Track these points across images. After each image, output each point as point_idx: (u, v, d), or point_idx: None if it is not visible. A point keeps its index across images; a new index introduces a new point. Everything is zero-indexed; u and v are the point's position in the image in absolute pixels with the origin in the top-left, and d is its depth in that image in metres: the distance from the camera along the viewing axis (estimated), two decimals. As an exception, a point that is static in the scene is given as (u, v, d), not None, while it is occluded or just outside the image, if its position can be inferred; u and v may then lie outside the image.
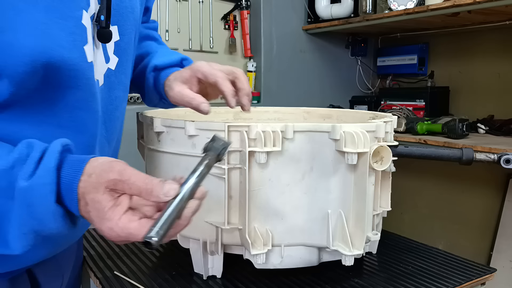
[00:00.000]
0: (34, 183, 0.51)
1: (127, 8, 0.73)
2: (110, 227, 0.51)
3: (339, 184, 0.78)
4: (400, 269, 0.90)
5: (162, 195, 0.51)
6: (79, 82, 0.62)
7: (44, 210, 0.52)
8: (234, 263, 0.87)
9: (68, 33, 0.58)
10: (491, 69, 2.13)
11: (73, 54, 0.59)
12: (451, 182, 2.31)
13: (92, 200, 0.52)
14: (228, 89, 0.76)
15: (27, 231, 0.53)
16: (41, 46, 0.55)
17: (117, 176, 0.52)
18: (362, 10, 2.15)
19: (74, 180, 0.52)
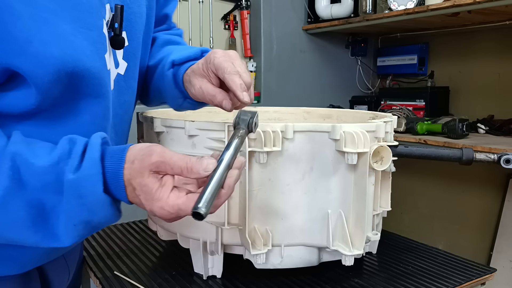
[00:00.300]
0: (82, 175, 0.53)
1: (135, 13, 0.73)
2: (160, 206, 0.54)
3: (339, 184, 0.78)
4: (400, 269, 0.90)
5: (202, 171, 0.54)
6: (101, 90, 0.63)
7: (94, 200, 0.54)
8: (234, 263, 0.87)
9: (91, 43, 0.60)
10: (491, 69, 2.13)
11: (96, 63, 0.61)
12: (451, 182, 2.31)
13: (139, 184, 0.54)
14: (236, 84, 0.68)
15: (77, 222, 0.55)
16: (67, 55, 0.56)
17: (159, 158, 0.54)
18: (362, 10, 2.15)
19: (119, 168, 0.55)
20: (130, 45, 0.73)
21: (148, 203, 0.55)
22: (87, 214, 0.55)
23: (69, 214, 0.55)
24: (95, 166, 0.54)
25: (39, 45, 0.53)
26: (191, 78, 0.75)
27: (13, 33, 0.52)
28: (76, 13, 0.57)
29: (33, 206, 0.54)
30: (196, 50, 0.80)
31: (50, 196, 0.54)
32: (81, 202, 0.54)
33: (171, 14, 0.95)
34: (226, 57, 0.71)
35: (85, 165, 0.54)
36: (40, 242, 0.57)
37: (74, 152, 0.55)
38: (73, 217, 0.55)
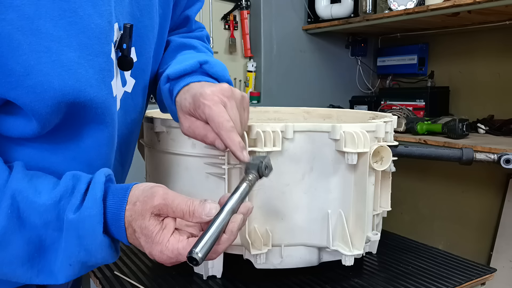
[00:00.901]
0: (82, 215, 0.52)
1: (146, 27, 0.69)
2: (160, 250, 0.53)
3: (339, 184, 0.78)
4: (400, 269, 0.90)
5: (204, 215, 0.52)
6: (105, 118, 0.60)
7: (93, 241, 0.53)
8: (234, 263, 0.87)
9: (97, 70, 0.57)
10: (491, 69, 2.13)
11: (101, 92, 0.58)
12: (451, 182, 2.31)
13: (140, 227, 0.53)
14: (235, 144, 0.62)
15: (73, 262, 0.54)
16: (68, 86, 0.53)
17: (161, 201, 0.53)
18: (362, 10, 2.15)
19: (121, 209, 0.54)
20: (139, 61, 0.68)
21: (148, 246, 0.53)
22: (84, 255, 0.54)
23: (66, 254, 0.54)
24: (96, 206, 0.53)
25: (37, 77, 0.51)
26: (179, 114, 0.68)
27: (9, 66, 0.49)
28: (83, 39, 0.54)
29: (32, 243, 0.53)
30: (193, 62, 0.70)
31: (50, 232, 0.54)
32: (80, 242, 0.53)
33: (193, 16, 0.88)
34: (217, 103, 0.63)
35: (86, 205, 0.53)
36: (33, 279, 0.55)
37: (77, 190, 0.54)
38: (70, 257, 0.54)
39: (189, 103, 0.65)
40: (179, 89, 0.68)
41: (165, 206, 0.53)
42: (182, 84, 0.69)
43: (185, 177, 0.82)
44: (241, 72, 2.38)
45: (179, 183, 0.83)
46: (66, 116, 0.56)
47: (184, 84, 0.69)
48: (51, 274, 0.55)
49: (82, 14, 0.53)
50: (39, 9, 0.50)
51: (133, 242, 0.55)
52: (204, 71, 0.71)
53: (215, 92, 0.63)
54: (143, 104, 0.75)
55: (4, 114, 0.55)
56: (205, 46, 0.87)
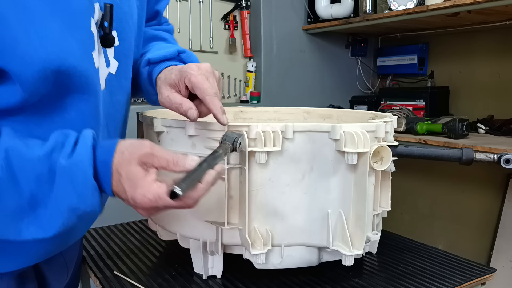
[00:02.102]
0: (75, 160, 0.57)
1: (126, 13, 0.74)
2: (142, 193, 0.57)
3: (339, 184, 0.78)
4: (400, 269, 0.90)
5: (187, 164, 0.59)
6: (89, 88, 0.65)
7: (84, 185, 0.57)
8: (234, 263, 0.87)
9: (79, 41, 0.62)
10: (491, 69, 2.13)
11: (83, 61, 0.63)
12: (451, 182, 2.31)
13: (126, 172, 0.58)
14: (216, 107, 0.71)
15: (64, 209, 0.57)
16: (53, 54, 0.58)
17: (148, 150, 0.59)
18: (362, 10, 2.15)
19: (109, 156, 0.59)
20: (121, 45, 0.74)
21: (132, 190, 0.58)
22: (75, 200, 0.57)
23: (58, 200, 0.57)
24: (88, 153, 0.58)
25: (25, 47, 0.55)
26: (161, 87, 0.76)
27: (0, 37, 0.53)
28: (65, 14, 0.59)
29: (24, 197, 0.56)
30: (173, 50, 0.81)
31: (42, 186, 0.57)
32: (72, 187, 0.57)
33: (162, 10, 0.96)
34: (203, 75, 0.72)
35: (78, 151, 0.58)
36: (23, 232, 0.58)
37: (68, 142, 0.58)
38: (61, 203, 0.57)
39: (175, 75, 0.74)
40: (161, 70, 0.78)
41: (151, 155, 0.59)
42: (163, 66, 0.78)
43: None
44: (241, 72, 2.38)
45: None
46: (51, 85, 0.60)
47: (165, 66, 0.78)
48: (41, 226, 0.58)
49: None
50: None
51: (117, 189, 0.59)
52: (181, 59, 0.81)
53: (200, 67, 0.73)
54: (128, 86, 0.80)
55: None
56: (173, 39, 0.98)
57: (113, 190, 0.59)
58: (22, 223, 0.57)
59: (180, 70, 0.74)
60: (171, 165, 0.59)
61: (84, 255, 0.97)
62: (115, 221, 1.18)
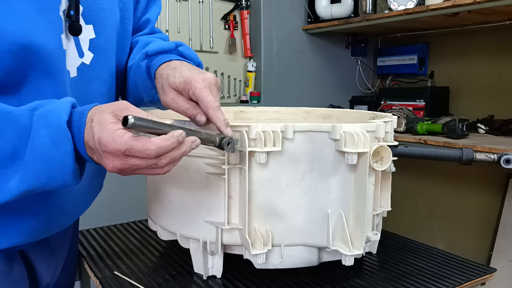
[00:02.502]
0: (52, 107, 0.60)
1: (104, 9, 0.77)
2: (108, 134, 0.58)
3: (339, 184, 0.78)
4: (400, 269, 0.90)
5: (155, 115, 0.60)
6: (54, 67, 0.68)
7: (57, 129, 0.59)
8: (234, 263, 0.87)
9: (47, 22, 0.66)
10: (491, 69, 2.13)
11: (50, 40, 0.66)
12: (451, 182, 2.31)
13: (98, 118, 0.60)
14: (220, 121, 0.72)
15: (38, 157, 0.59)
16: (22, 31, 0.62)
17: (124, 105, 0.61)
18: (362, 10, 2.15)
19: (86, 109, 0.62)
20: (97, 38, 0.77)
21: (99, 131, 0.59)
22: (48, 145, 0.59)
23: (33, 147, 0.58)
24: (65, 103, 0.61)
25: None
26: (163, 85, 0.76)
27: None
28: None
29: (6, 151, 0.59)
30: (170, 44, 0.82)
31: (24, 140, 0.59)
32: (45, 132, 0.59)
33: (153, 19, 0.97)
34: (207, 87, 0.72)
35: (57, 102, 0.61)
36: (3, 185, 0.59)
37: (50, 102, 0.62)
38: (35, 150, 0.58)
39: (179, 82, 0.74)
40: (160, 64, 0.78)
41: (126, 109, 0.61)
42: (162, 60, 0.78)
43: (185, 177, 0.82)
44: (241, 72, 2.38)
45: (179, 183, 0.84)
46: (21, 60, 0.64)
47: (164, 60, 0.78)
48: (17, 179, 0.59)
49: None
50: None
51: (87, 136, 0.60)
52: (179, 52, 0.82)
53: (205, 79, 0.73)
54: (105, 77, 0.81)
55: None
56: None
57: (84, 140, 0.61)
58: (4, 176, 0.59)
59: (184, 79, 0.74)
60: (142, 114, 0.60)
61: (84, 255, 0.97)
62: (115, 221, 1.18)
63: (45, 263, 0.84)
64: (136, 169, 0.60)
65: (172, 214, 0.86)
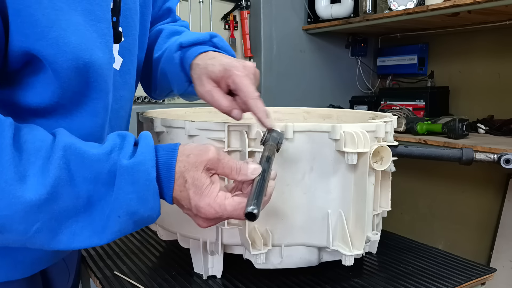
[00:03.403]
0: (137, 160, 0.53)
1: (131, 10, 0.73)
2: (208, 203, 0.55)
3: (339, 184, 0.78)
4: (400, 269, 0.90)
5: (250, 173, 0.57)
6: (108, 87, 0.63)
7: (146, 187, 0.54)
8: (234, 263, 0.87)
9: (101, 35, 0.60)
10: (491, 69, 2.13)
11: (105, 55, 0.61)
12: (451, 182, 2.31)
13: (193, 178, 0.55)
14: (261, 111, 0.68)
15: (123, 213, 0.54)
16: (83, 44, 0.56)
17: (215, 155, 0.56)
18: (362, 10, 2.15)
19: (172, 159, 0.56)
20: (125, 41, 0.72)
21: (197, 197, 0.55)
22: (136, 203, 0.54)
23: (117, 203, 0.53)
24: (150, 152, 0.55)
25: (58, 30, 0.54)
26: (200, 75, 0.73)
27: (36, 17, 0.52)
28: (86, 5, 0.58)
29: (80, 198, 0.53)
30: (205, 35, 0.78)
31: (98, 188, 0.53)
32: (133, 189, 0.53)
33: (173, 7, 0.95)
34: (247, 76, 0.69)
35: (140, 151, 0.54)
36: (76, 238, 0.54)
37: (127, 142, 0.56)
38: (121, 207, 0.53)
39: (218, 70, 0.70)
40: (196, 55, 0.74)
41: (218, 160, 0.56)
42: (199, 51, 0.75)
43: (185, 177, 0.82)
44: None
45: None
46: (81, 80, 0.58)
47: (201, 51, 0.75)
48: (95, 232, 0.54)
49: None
50: None
51: (179, 195, 0.56)
52: (214, 44, 0.78)
53: (246, 67, 0.70)
54: (132, 83, 0.78)
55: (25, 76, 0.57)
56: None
57: (174, 196, 0.56)
58: (77, 227, 0.54)
59: (224, 66, 0.70)
60: (234, 173, 0.57)
61: (84, 255, 0.97)
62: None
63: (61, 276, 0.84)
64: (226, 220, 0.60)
65: (172, 214, 0.86)
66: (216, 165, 0.56)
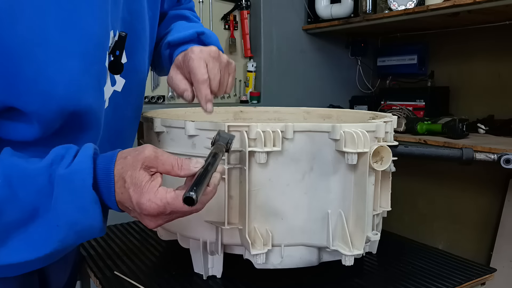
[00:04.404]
0: (73, 168, 0.54)
1: (137, 30, 0.73)
2: (148, 198, 0.54)
3: (339, 184, 0.78)
4: (400, 269, 0.90)
5: (192, 167, 0.57)
6: (96, 122, 0.63)
7: (82, 194, 0.54)
8: (234, 263, 0.87)
9: (95, 78, 0.60)
10: (491, 69, 2.13)
11: (96, 98, 0.61)
12: (451, 182, 2.31)
13: (131, 177, 0.55)
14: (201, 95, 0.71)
15: (62, 222, 0.54)
16: (71, 94, 0.56)
17: (152, 153, 0.56)
18: (362, 10, 2.15)
19: (110, 164, 0.56)
20: (129, 63, 0.71)
21: (137, 195, 0.54)
22: (74, 212, 0.54)
23: (56, 212, 0.54)
24: (87, 161, 0.55)
25: (45, 84, 0.53)
26: (171, 67, 0.77)
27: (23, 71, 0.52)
28: (84, 47, 0.57)
29: (25, 211, 0.54)
30: (192, 33, 0.81)
31: (43, 200, 0.54)
32: (70, 198, 0.53)
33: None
34: (202, 59, 0.71)
35: (77, 160, 0.55)
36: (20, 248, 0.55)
37: (68, 153, 0.56)
38: (59, 216, 0.54)
39: (181, 57, 0.74)
40: (179, 54, 0.77)
41: (155, 158, 0.56)
42: (182, 49, 0.77)
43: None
44: (241, 72, 2.38)
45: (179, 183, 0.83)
46: (66, 122, 0.58)
47: (184, 49, 0.77)
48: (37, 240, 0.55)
49: (84, 24, 0.56)
50: (47, 20, 0.52)
51: (121, 197, 0.56)
52: (201, 40, 0.81)
53: (203, 51, 0.71)
54: (137, 102, 0.78)
55: (7, 119, 0.57)
56: (195, 16, 0.98)
57: (117, 200, 0.56)
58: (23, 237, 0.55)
59: (185, 53, 0.73)
60: (175, 169, 0.57)
61: (84, 255, 0.97)
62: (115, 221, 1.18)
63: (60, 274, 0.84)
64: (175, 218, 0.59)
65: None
66: (154, 162, 0.56)
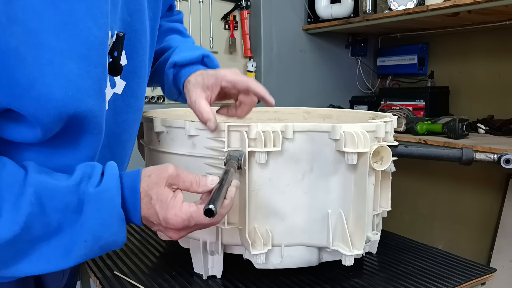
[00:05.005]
0: (102, 188, 0.58)
1: (137, 31, 0.72)
2: (174, 213, 0.60)
3: (339, 184, 0.78)
4: (400, 269, 0.90)
5: (209, 183, 0.63)
6: (98, 125, 0.64)
7: (110, 213, 0.58)
8: (234, 263, 0.87)
9: (95, 80, 0.59)
10: (491, 69, 2.13)
11: (97, 101, 0.61)
12: (451, 182, 2.31)
13: (157, 194, 0.60)
14: (263, 90, 0.78)
15: (89, 237, 0.58)
16: (69, 97, 0.56)
17: (174, 171, 0.62)
18: (362, 10, 2.15)
19: (137, 182, 0.61)
20: (129, 64, 0.71)
21: (163, 211, 0.60)
22: (100, 228, 0.58)
23: (83, 229, 0.57)
24: (115, 180, 0.59)
25: (41, 88, 0.53)
26: (191, 90, 0.79)
27: (16, 77, 0.51)
28: (83, 51, 0.56)
29: (51, 226, 0.57)
30: (197, 55, 0.84)
31: (68, 215, 0.57)
32: (98, 215, 0.58)
33: (173, 2, 1.01)
34: (236, 74, 0.79)
35: (105, 180, 0.59)
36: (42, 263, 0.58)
37: (95, 172, 0.60)
38: (87, 231, 0.58)
39: (208, 80, 0.78)
40: (189, 74, 0.81)
41: (177, 176, 0.62)
42: (191, 71, 0.82)
43: (185, 177, 0.82)
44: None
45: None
46: (67, 124, 0.59)
47: (193, 71, 0.82)
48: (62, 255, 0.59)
49: (82, 27, 0.56)
50: (42, 23, 0.52)
51: (147, 212, 0.61)
52: (205, 63, 0.86)
53: (231, 70, 0.80)
54: (138, 105, 0.77)
55: (8, 120, 0.57)
56: (185, 29, 1.04)
57: (142, 216, 0.61)
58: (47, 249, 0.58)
59: (214, 75, 0.79)
60: (194, 185, 0.63)
61: (84, 255, 0.97)
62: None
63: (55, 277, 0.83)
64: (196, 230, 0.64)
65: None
66: (176, 180, 0.62)
